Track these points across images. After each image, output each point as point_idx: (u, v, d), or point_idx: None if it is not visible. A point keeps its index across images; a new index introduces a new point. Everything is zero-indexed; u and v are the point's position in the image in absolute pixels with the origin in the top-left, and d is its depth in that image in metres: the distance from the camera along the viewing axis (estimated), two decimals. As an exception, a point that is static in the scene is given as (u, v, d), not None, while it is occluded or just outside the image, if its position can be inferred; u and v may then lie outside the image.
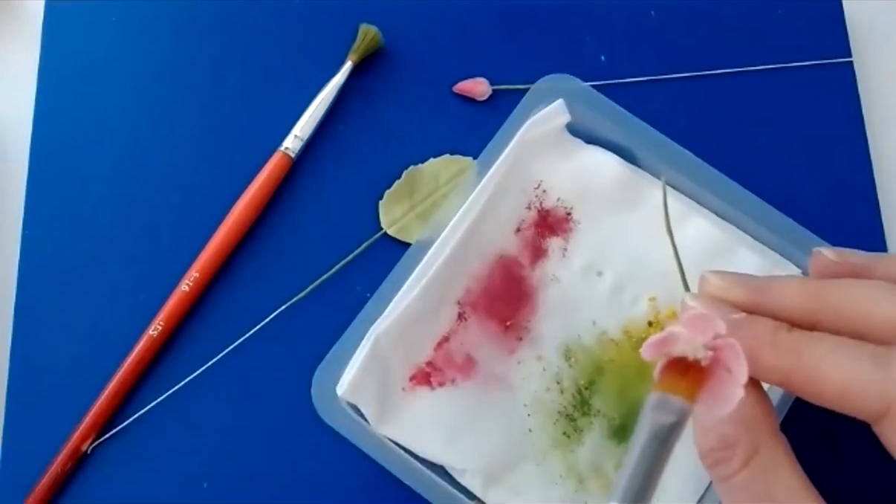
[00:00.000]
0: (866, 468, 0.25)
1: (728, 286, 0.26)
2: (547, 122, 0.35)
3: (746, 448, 0.23)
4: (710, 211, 0.35)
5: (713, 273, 0.27)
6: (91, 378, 0.36)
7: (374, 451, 0.31)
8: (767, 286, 0.26)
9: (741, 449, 0.23)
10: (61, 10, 0.42)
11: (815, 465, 0.24)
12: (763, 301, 0.25)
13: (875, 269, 0.26)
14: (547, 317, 0.34)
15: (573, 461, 0.33)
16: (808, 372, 0.23)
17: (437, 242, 0.34)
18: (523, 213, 0.35)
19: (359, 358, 0.32)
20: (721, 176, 0.34)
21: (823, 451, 0.34)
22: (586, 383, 0.33)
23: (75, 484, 0.36)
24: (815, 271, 0.28)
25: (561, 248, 0.35)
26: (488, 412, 0.33)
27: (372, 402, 0.32)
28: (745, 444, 0.23)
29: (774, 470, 0.23)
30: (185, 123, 0.40)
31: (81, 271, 0.38)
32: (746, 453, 0.23)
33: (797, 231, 0.33)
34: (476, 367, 0.33)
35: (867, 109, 0.40)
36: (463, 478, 0.32)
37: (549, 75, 0.35)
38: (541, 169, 0.35)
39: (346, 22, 0.41)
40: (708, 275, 0.27)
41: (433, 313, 0.33)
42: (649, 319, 0.34)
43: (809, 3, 0.42)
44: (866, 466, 0.25)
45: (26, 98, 0.41)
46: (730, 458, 0.24)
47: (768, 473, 0.23)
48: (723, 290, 0.26)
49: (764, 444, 0.24)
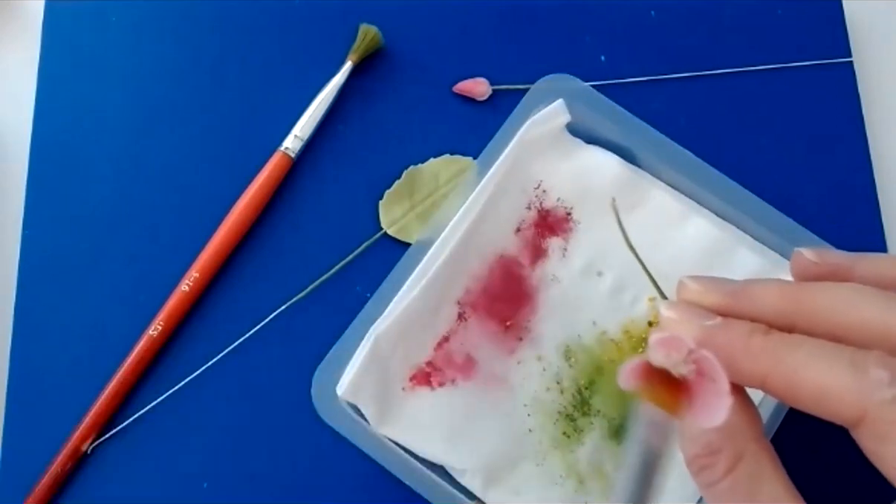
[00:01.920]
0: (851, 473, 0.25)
1: (704, 290, 0.26)
2: (547, 122, 0.35)
3: (730, 455, 0.23)
4: (711, 211, 0.35)
5: (690, 278, 0.27)
6: (91, 378, 0.36)
7: (375, 452, 0.31)
8: (744, 290, 0.26)
9: (725, 456, 0.23)
10: (61, 10, 0.42)
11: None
12: (739, 305, 0.25)
13: (856, 269, 0.26)
14: (547, 317, 0.34)
15: (573, 461, 0.33)
16: (784, 376, 0.23)
17: (436, 242, 0.34)
18: (523, 212, 0.35)
19: (359, 358, 0.32)
20: (721, 175, 0.34)
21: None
22: (586, 383, 0.33)
23: (75, 484, 0.36)
24: (796, 273, 0.27)
25: (561, 248, 0.35)
26: (488, 412, 0.33)
27: (372, 403, 0.32)
28: (729, 452, 0.23)
29: (758, 476, 0.23)
30: (185, 123, 0.40)
31: (81, 271, 0.38)
32: (730, 460, 0.23)
33: (797, 231, 0.33)
34: (476, 367, 0.33)
35: (867, 109, 0.40)
36: (463, 478, 0.32)
37: (549, 75, 0.35)
38: (541, 169, 0.35)
39: (346, 22, 0.41)
40: (686, 280, 0.27)
41: (433, 313, 0.33)
42: (649, 319, 0.34)
43: (809, 3, 0.42)
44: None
45: (26, 98, 0.41)
46: (714, 464, 0.24)
47: (752, 480, 0.23)
48: (699, 294, 0.26)
49: (748, 451, 0.24)
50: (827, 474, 0.33)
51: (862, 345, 0.23)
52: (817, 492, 0.24)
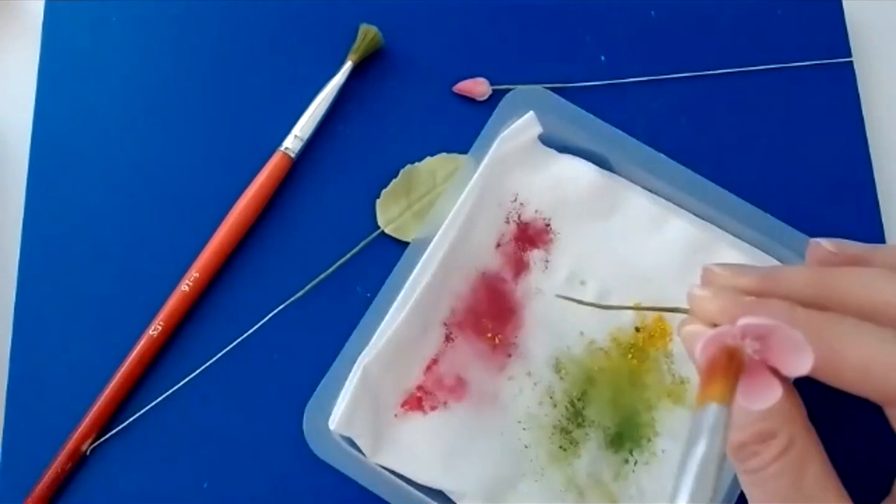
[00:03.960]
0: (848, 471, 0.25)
1: (734, 274, 0.26)
2: (518, 136, 0.35)
3: (784, 441, 0.23)
4: (689, 211, 0.35)
5: (716, 265, 0.27)
6: (91, 378, 0.36)
7: (372, 484, 0.31)
8: (774, 272, 0.26)
9: (778, 441, 0.23)
10: (61, 10, 0.42)
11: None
12: (771, 286, 0.25)
13: (873, 259, 0.26)
14: (534, 331, 0.34)
15: (572, 474, 0.32)
16: (829, 351, 0.23)
17: (418, 266, 0.33)
18: (502, 226, 0.35)
19: (348, 390, 0.32)
20: (696, 176, 0.34)
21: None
22: (578, 394, 0.33)
23: (75, 484, 0.36)
24: (814, 262, 0.28)
25: (543, 260, 0.35)
26: (483, 432, 0.33)
27: (365, 433, 0.32)
28: (783, 437, 0.23)
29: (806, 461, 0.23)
30: (185, 123, 0.40)
31: (81, 271, 0.38)
32: (782, 445, 0.23)
33: (778, 227, 0.33)
34: (467, 387, 0.33)
35: (867, 109, 0.40)
36: (463, 501, 0.32)
37: (519, 87, 0.35)
38: (516, 182, 0.35)
39: (346, 22, 0.41)
40: (712, 266, 0.27)
41: (419, 337, 0.33)
42: (636, 325, 0.34)
43: (809, 3, 0.42)
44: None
45: (26, 98, 0.41)
46: (763, 450, 0.24)
47: (799, 465, 0.23)
48: (730, 278, 0.26)
49: (799, 436, 0.24)
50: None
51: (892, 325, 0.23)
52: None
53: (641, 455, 0.33)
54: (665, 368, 0.33)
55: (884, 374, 0.22)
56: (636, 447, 0.33)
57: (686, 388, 0.33)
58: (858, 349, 0.23)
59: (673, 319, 0.33)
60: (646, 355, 0.33)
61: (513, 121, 0.35)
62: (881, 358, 0.22)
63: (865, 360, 0.22)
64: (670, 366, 0.33)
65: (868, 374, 0.22)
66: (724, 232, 0.34)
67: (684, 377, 0.33)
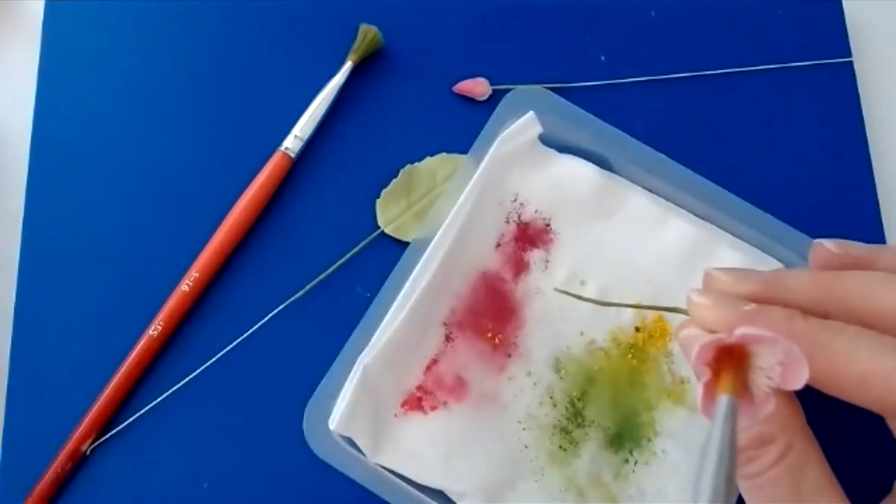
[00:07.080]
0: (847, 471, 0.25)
1: (736, 280, 0.26)
2: (518, 136, 0.35)
3: (781, 445, 0.23)
4: (689, 211, 0.35)
5: (718, 269, 0.27)
6: (91, 378, 0.36)
7: (373, 484, 0.31)
8: (776, 277, 0.26)
9: (776, 447, 0.23)
10: (61, 9, 0.42)
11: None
12: (773, 292, 0.25)
13: (877, 260, 0.26)
14: (534, 331, 0.34)
15: (571, 474, 0.32)
16: (828, 361, 0.23)
17: (418, 266, 0.33)
18: (502, 226, 0.35)
19: (348, 390, 0.32)
20: (696, 176, 0.34)
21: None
22: (578, 394, 0.33)
23: (75, 484, 0.36)
24: (817, 263, 0.27)
25: (543, 260, 0.35)
26: (483, 432, 0.33)
27: (365, 433, 0.32)
28: (781, 442, 0.23)
29: (804, 466, 0.23)
30: (185, 123, 0.40)
31: (81, 271, 0.38)
32: (781, 450, 0.23)
33: (778, 227, 0.33)
34: (467, 387, 0.33)
35: (867, 109, 0.40)
36: (463, 501, 0.32)
37: (519, 87, 0.35)
38: (516, 182, 0.35)
39: (346, 22, 0.41)
40: (713, 271, 0.27)
41: (419, 337, 0.33)
42: (636, 325, 0.34)
43: (809, 3, 0.42)
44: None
45: (26, 98, 0.41)
46: (762, 455, 0.23)
47: (798, 470, 0.23)
48: (731, 284, 0.26)
49: (797, 441, 0.23)
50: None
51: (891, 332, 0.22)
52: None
53: (641, 455, 0.33)
54: (665, 368, 0.33)
55: (883, 386, 0.22)
56: (636, 447, 0.33)
57: (686, 388, 0.33)
58: (857, 361, 0.22)
59: (673, 319, 0.33)
60: (646, 355, 0.33)
61: (513, 121, 0.35)
62: (881, 369, 0.22)
63: (865, 372, 0.22)
64: (670, 366, 0.33)
65: (867, 385, 0.22)
66: (724, 232, 0.34)
67: (684, 377, 0.33)
